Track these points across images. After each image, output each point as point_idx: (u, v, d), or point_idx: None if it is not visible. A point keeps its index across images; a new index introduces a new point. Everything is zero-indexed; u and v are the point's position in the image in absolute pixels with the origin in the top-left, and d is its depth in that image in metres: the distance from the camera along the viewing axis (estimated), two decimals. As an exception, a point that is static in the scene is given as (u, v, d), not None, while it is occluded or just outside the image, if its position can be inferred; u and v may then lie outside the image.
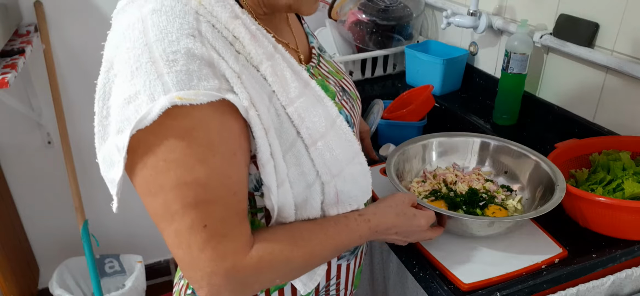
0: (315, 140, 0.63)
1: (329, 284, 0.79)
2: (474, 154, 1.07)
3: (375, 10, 1.62)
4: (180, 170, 0.53)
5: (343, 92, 0.78)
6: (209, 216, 0.55)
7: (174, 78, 0.52)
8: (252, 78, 0.58)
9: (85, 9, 1.66)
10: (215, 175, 0.55)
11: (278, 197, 0.61)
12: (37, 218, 1.93)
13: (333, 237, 0.66)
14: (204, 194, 0.54)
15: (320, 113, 0.64)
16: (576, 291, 0.85)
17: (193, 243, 0.55)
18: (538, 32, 1.27)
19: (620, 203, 0.85)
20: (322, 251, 0.66)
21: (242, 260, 0.57)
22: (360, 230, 0.70)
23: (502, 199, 0.98)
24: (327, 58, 0.82)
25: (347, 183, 0.68)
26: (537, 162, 0.97)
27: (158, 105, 0.51)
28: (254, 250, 0.59)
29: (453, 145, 1.07)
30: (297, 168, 0.63)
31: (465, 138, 1.07)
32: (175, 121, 0.52)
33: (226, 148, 0.55)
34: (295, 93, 0.62)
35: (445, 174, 1.04)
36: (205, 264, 0.55)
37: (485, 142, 1.06)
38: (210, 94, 0.53)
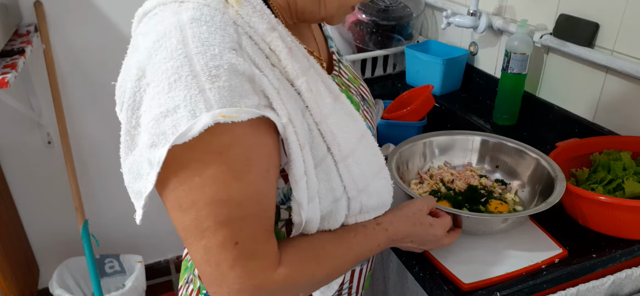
0: (346, 156, 0.63)
1: (341, 287, 0.80)
2: (474, 152, 1.07)
3: (375, 10, 1.62)
4: (215, 187, 0.52)
5: (363, 100, 0.77)
6: (240, 234, 0.54)
7: (216, 94, 0.50)
8: (287, 94, 0.57)
9: (85, 9, 1.66)
10: (249, 192, 0.54)
11: (307, 212, 0.61)
12: (37, 218, 1.93)
13: (354, 249, 0.66)
14: (237, 212, 0.54)
15: (351, 129, 0.64)
16: (576, 291, 0.85)
17: (223, 260, 0.54)
18: (538, 32, 1.27)
19: (620, 202, 0.85)
20: (344, 264, 0.66)
21: (270, 277, 0.57)
22: (378, 239, 0.69)
23: (499, 193, 0.98)
24: (345, 63, 0.81)
25: (372, 197, 0.67)
26: (537, 159, 0.97)
27: (201, 123, 0.49)
28: (281, 268, 0.58)
29: (453, 143, 1.07)
30: (326, 184, 0.62)
31: (465, 136, 1.07)
32: (215, 138, 0.51)
33: (261, 165, 0.55)
34: (328, 109, 0.61)
35: (441, 173, 1.04)
36: (234, 281, 0.55)
37: (485, 139, 1.06)
38: (251, 112, 0.52)
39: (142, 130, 0.54)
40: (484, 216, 0.88)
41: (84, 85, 1.76)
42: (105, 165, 1.92)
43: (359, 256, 0.67)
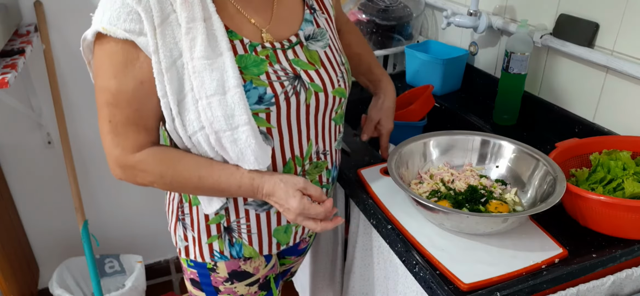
0: (201, 97, 0.77)
1: (239, 221, 0.94)
2: (474, 152, 1.07)
3: (375, 10, 1.62)
4: (101, 79, 0.79)
5: (294, 78, 0.85)
6: (113, 117, 0.79)
7: (108, 15, 0.75)
8: (171, 33, 0.77)
9: (85, 9, 1.66)
10: (122, 90, 0.78)
11: (173, 128, 0.80)
12: (37, 218, 1.93)
13: (213, 176, 0.83)
14: (113, 100, 0.78)
15: (214, 78, 0.77)
16: (576, 291, 0.85)
17: (103, 128, 0.81)
18: (538, 32, 1.27)
19: (620, 202, 0.85)
20: (198, 181, 0.83)
21: (126, 156, 0.82)
22: (241, 181, 0.83)
23: (499, 193, 0.98)
24: (312, 47, 0.90)
25: (231, 144, 0.80)
26: (537, 160, 0.97)
27: (92, 29, 0.77)
28: (139, 154, 0.82)
29: (453, 144, 1.07)
30: (187, 114, 0.79)
31: (465, 137, 1.07)
32: (106, 44, 0.77)
33: (135, 74, 0.77)
34: (199, 55, 0.77)
35: (441, 173, 1.04)
36: (106, 145, 0.82)
37: (485, 139, 1.06)
38: (125, 34, 0.74)
39: None
40: (484, 216, 0.88)
41: (84, 85, 1.76)
42: (105, 165, 1.89)
43: (217, 184, 0.83)
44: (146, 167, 0.82)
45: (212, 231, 0.95)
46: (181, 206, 0.96)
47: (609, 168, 0.96)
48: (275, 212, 0.95)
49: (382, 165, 1.11)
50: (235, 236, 0.95)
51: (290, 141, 0.88)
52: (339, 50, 0.95)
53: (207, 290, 1.02)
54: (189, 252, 0.99)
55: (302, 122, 0.88)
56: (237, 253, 0.97)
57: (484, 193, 0.97)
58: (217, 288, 1.01)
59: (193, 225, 0.95)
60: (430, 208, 0.88)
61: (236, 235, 0.95)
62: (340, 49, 0.96)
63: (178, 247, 1.01)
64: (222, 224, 0.94)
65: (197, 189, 0.85)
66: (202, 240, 0.96)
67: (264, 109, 0.82)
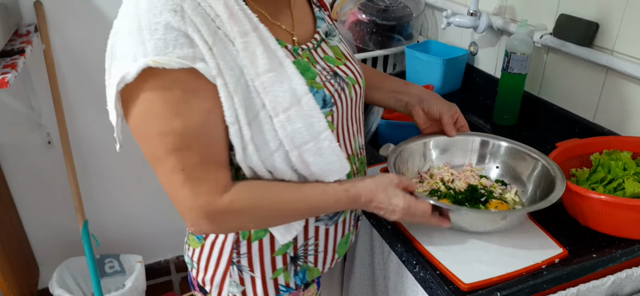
0: (278, 113, 0.70)
1: (307, 243, 0.87)
2: (474, 152, 1.07)
3: (375, 10, 1.62)
4: (161, 122, 0.66)
5: (334, 76, 0.82)
6: (186, 162, 0.67)
7: (153, 45, 0.62)
8: (226, 51, 0.67)
9: (85, 9, 1.66)
10: (190, 127, 0.66)
11: (244, 157, 0.71)
12: (37, 218, 1.93)
13: (307, 196, 0.75)
14: (181, 143, 0.66)
15: (285, 89, 0.70)
16: (576, 291, 0.85)
17: (175, 182, 0.68)
18: (538, 32, 1.27)
19: (621, 201, 0.85)
20: (293, 206, 0.75)
21: (216, 200, 0.69)
22: (337, 196, 0.77)
23: (500, 193, 0.98)
24: (333, 43, 0.88)
25: (314, 156, 0.73)
26: (537, 160, 0.97)
27: (136, 66, 0.62)
28: (228, 195, 0.70)
29: (453, 144, 1.07)
30: (260, 136, 0.70)
31: (465, 137, 1.07)
32: (155, 80, 0.64)
33: (200, 105, 0.66)
34: (263, 69, 0.69)
35: (441, 173, 1.04)
36: (183, 201, 0.69)
37: (485, 140, 1.06)
38: (180, 62, 0.63)
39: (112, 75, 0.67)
40: (483, 213, 0.89)
41: (84, 85, 1.76)
42: (105, 165, 1.91)
43: (312, 204, 0.76)
44: (240, 206, 0.71)
45: (277, 264, 0.86)
46: (237, 247, 0.83)
47: (610, 168, 0.96)
48: (341, 222, 0.90)
49: (383, 165, 1.11)
50: (300, 263, 0.88)
51: (344, 140, 0.85)
52: None
53: None
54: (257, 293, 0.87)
55: (349, 118, 0.85)
56: (301, 280, 0.90)
57: (484, 193, 0.97)
58: None
59: (252, 264, 0.84)
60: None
61: (301, 261, 0.88)
62: None
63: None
64: (288, 253, 0.86)
65: (289, 216, 0.77)
66: (266, 276, 0.86)
67: (328, 112, 0.78)
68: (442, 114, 1.02)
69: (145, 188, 2.03)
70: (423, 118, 1.03)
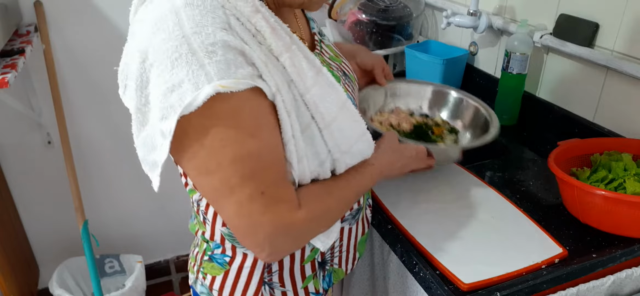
0: (329, 124, 0.69)
1: (333, 245, 0.86)
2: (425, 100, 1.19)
3: (375, 10, 1.62)
4: (235, 147, 0.60)
5: (345, 76, 0.85)
6: (264, 183, 0.62)
7: (215, 67, 0.57)
8: (274, 67, 0.64)
9: (85, 9, 1.66)
10: (265, 145, 0.62)
11: (298, 171, 0.67)
12: (37, 218, 1.94)
13: (352, 183, 0.75)
14: (258, 164, 0.62)
15: (332, 99, 0.70)
16: (576, 291, 0.85)
17: (255, 210, 0.62)
18: (538, 32, 1.27)
19: (623, 197, 0.86)
20: (349, 195, 0.75)
21: (296, 216, 0.65)
22: (371, 173, 0.77)
23: (433, 122, 1.14)
24: (326, 42, 0.89)
25: (355, 157, 0.75)
26: (477, 107, 1.12)
27: (204, 93, 0.56)
28: (303, 207, 0.66)
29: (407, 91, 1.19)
30: (311, 148, 0.68)
31: (419, 85, 1.20)
32: (223, 104, 0.58)
33: (269, 122, 0.63)
34: (311, 82, 0.67)
35: (389, 119, 1.12)
36: (267, 226, 0.63)
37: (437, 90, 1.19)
38: (246, 82, 0.59)
39: (152, 107, 0.60)
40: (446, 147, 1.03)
41: (84, 85, 1.76)
42: (105, 165, 1.91)
43: (358, 189, 0.76)
44: (315, 214, 0.68)
45: (306, 272, 0.84)
46: (269, 265, 0.81)
47: (611, 168, 0.96)
48: (361, 219, 0.91)
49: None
50: (327, 267, 0.88)
51: None
52: None
53: None
54: None
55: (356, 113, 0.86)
56: (328, 284, 0.89)
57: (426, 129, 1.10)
58: None
59: (283, 279, 0.82)
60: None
61: (328, 265, 0.88)
62: None
63: None
64: (316, 259, 0.85)
65: (348, 205, 0.77)
66: (297, 287, 0.84)
67: None
68: (374, 66, 1.10)
69: (145, 188, 2.02)
70: (358, 72, 1.10)
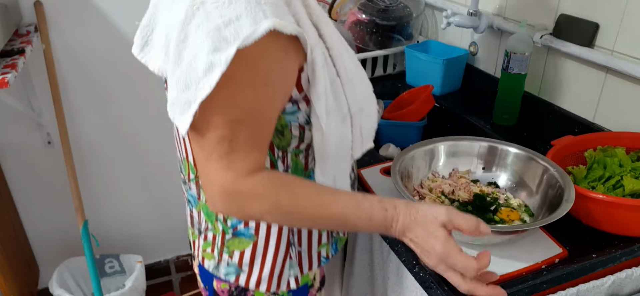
0: (350, 79, 0.75)
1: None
2: (480, 158, 1.06)
3: (375, 10, 1.62)
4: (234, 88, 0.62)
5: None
6: (237, 133, 0.64)
7: (270, 8, 0.61)
8: (308, 21, 0.69)
9: (85, 9, 1.66)
10: (258, 103, 0.64)
11: (327, 124, 0.71)
12: (37, 218, 1.94)
13: (337, 199, 0.69)
14: (243, 115, 0.64)
15: (351, 57, 0.77)
16: (576, 291, 0.85)
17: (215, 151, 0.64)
18: (538, 32, 1.27)
19: (625, 202, 0.86)
20: (321, 207, 0.68)
21: (239, 181, 0.65)
22: (372, 213, 0.69)
23: (505, 200, 0.98)
24: None
25: (369, 119, 0.80)
26: (546, 167, 0.96)
27: (263, 27, 0.59)
28: (252, 179, 0.66)
29: (458, 149, 1.06)
30: (336, 102, 0.73)
31: (471, 142, 1.05)
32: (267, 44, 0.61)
33: (275, 84, 0.65)
34: (335, 39, 0.74)
35: (438, 186, 1.02)
36: (214, 172, 0.65)
37: (493, 146, 1.04)
38: (294, 28, 0.62)
39: (192, 42, 0.61)
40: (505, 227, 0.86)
41: (84, 85, 1.76)
42: (105, 165, 1.91)
43: (342, 216, 0.68)
44: (263, 192, 0.66)
45: (323, 239, 0.88)
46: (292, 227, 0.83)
47: (606, 165, 0.97)
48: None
49: (382, 165, 1.11)
50: (335, 234, 0.91)
51: None
52: None
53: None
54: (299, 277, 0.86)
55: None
56: (335, 250, 0.92)
57: (492, 202, 0.96)
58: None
59: (301, 239, 0.85)
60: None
61: (335, 233, 0.91)
62: None
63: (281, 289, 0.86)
64: None
65: (317, 219, 0.70)
66: (312, 249, 0.87)
67: None
68: None
69: (145, 188, 2.03)
70: None
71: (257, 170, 0.67)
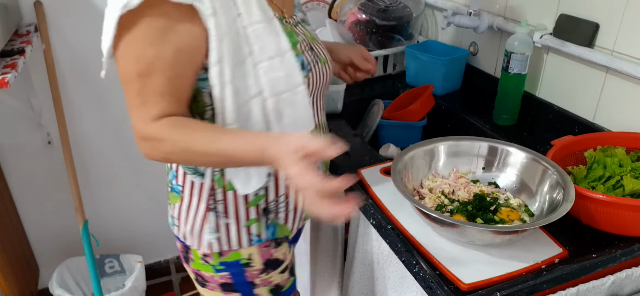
0: (263, 60, 0.79)
1: (278, 200, 0.94)
2: (480, 158, 1.05)
3: (375, 10, 1.62)
4: (138, 46, 0.73)
5: (310, 50, 0.90)
6: (144, 87, 0.74)
7: None
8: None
9: (85, 9, 1.66)
10: (158, 58, 0.73)
11: (221, 97, 0.77)
12: (37, 218, 1.94)
13: (222, 138, 0.76)
14: (147, 70, 0.73)
15: (272, 42, 0.80)
16: (576, 291, 0.85)
17: (134, 103, 0.76)
18: (538, 32, 1.27)
19: (626, 202, 0.86)
20: (204, 149, 0.76)
21: (144, 126, 0.76)
22: (253, 143, 0.73)
23: (505, 200, 0.98)
24: (306, 28, 0.96)
25: (288, 106, 0.82)
26: (546, 167, 0.95)
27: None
28: (156, 124, 0.76)
29: (459, 149, 1.05)
30: (243, 81, 0.78)
31: (471, 142, 1.05)
32: (149, 9, 0.70)
33: (174, 42, 0.73)
34: (256, 19, 0.79)
35: (439, 186, 1.02)
36: (134, 119, 0.77)
37: (493, 146, 1.04)
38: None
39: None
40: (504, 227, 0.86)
41: (84, 85, 1.76)
42: (105, 165, 1.91)
43: (225, 151, 0.75)
44: (164, 135, 0.75)
45: (251, 214, 0.93)
46: (213, 193, 0.90)
47: (605, 165, 0.97)
48: None
49: (382, 166, 1.11)
50: (271, 216, 0.95)
51: (315, 109, 0.92)
52: None
53: (243, 288, 0.99)
54: (222, 244, 0.93)
55: (320, 91, 0.93)
56: (272, 234, 0.96)
57: (492, 202, 0.96)
58: (253, 283, 0.99)
59: (227, 211, 0.91)
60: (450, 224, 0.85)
61: (272, 215, 0.95)
62: None
63: (202, 249, 0.95)
64: (260, 205, 0.92)
65: (207, 155, 0.76)
66: (240, 224, 0.93)
67: (305, 76, 0.85)
68: (352, 58, 1.13)
69: (145, 188, 2.03)
70: (336, 68, 1.14)
71: (159, 117, 0.76)
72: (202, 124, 0.79)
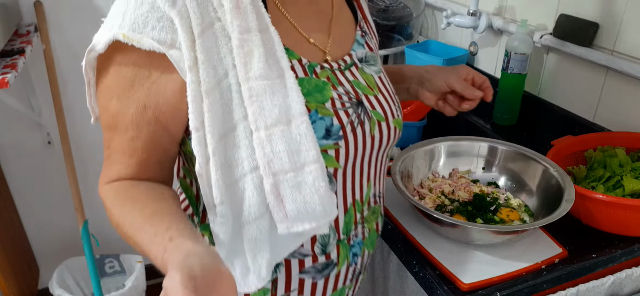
0: (260, 128, 0.60)
1: (288, 294, 0.74)
2: (481, 158, 1.06)
3: (375, 10, 1.62)
4: (106, 96, 0.63)
5: (357, 105, 0.70)
6: (110, 141, 0.65)
7: (132, 19, 0.58)
8: (215, 46, 0.60)
9: (85, 9, 1.66)
10: (121, 113, 0.62)
11: (205, 171, 0.60)
12: (37, 218, 1.93)
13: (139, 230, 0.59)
14: (111, 123, 0.63)
15: (276, 104, 0.60)
16: (576, 291, 0.85)
17: (104, 152, 0.67)
18: (538, 32, 1.27)
19: (626, 202, 0.86)
20: (130, 232, 0.60)
21: (101, 185, 0.67)
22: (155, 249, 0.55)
23: (505, 200, 0.98)
24: (367, 71, 0.76)
25: (292, 190, 0.61)
26: (546, 167, 0.95)
27: (106, 37, 0.59)
28: (106, 187, 0.66)
29: (458, 150, 1.05)
30: (235, 152, 0.61)
31: (471, 142, 1.05)
32: (117, 54, 0.60)
33: (140, 96, 0.61)
34: (256, 74, 0.60)
35: (439, 186, 1.02)
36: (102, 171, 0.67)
37: (493, 146, 1.04)
38: (152, 44, 0.57)
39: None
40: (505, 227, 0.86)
41: (84, 85, 1.75)
42: (105, 165, 1.91)
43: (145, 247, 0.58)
44: (108, 204, 0.65)
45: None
46: None
47: (606, 164, 0.97)
48: (334, 276, 0.75)
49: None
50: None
51: (352, 183, 0.72)
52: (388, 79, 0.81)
53: None
54: None
55: (365, 159, 0.72)
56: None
57: (492, 202, 0.96)
58: None
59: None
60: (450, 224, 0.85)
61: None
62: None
63: None
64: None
65: (134, 245, 0.61)
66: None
67: (333, 145, 0.65)
68: (452, 85, 0.88)
69: (145, 188, 2.02)
70: (433, 99, 0.91)
71: (117, 180, 0.65)
72: (144, 200, 0.62)
